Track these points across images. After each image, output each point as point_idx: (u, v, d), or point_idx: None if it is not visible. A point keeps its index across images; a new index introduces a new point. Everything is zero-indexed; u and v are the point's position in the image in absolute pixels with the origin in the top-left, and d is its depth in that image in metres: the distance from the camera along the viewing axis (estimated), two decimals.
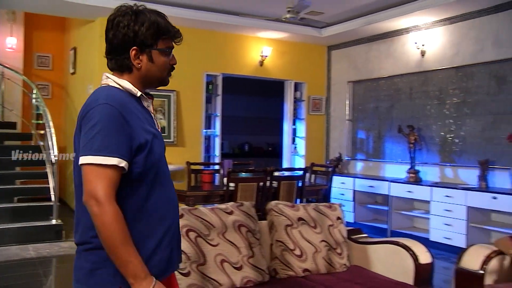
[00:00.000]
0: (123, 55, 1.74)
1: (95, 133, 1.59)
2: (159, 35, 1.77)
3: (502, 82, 6.39)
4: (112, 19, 1.77)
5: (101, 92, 1.70)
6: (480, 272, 3.32)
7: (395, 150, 7.90)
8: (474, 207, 6.16)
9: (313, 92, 9.26)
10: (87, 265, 1.68)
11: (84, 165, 1.59)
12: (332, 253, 3.63)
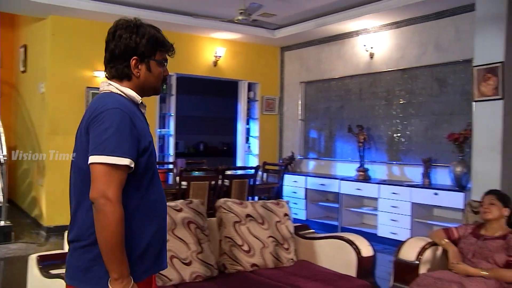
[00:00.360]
0: (123, 64, 1.88)
1: (109, 135, 1.69)
2: (157, 47, 1.93)
3: (443, 84, 6.71)
4: (113, 31, 1.90)
5: (108, 98, 1.82)
6: (415, 262, 3.54)
7: (345, 149, 8.15)
8: (418, 203, 6.45)
9: (267, 92, 9.42)
10: (83, 263, 1.76)
11: (96, 164, 1.68)
12: (279, 248, 3.77)
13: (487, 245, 3.37)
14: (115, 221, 1.65)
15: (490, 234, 3.46)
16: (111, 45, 1.89)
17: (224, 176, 5.85)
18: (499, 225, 3.47)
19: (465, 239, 3.56)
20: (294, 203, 8.15)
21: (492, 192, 3.62)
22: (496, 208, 3.47)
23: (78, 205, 1.79)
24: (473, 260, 3.37)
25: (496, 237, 3.40)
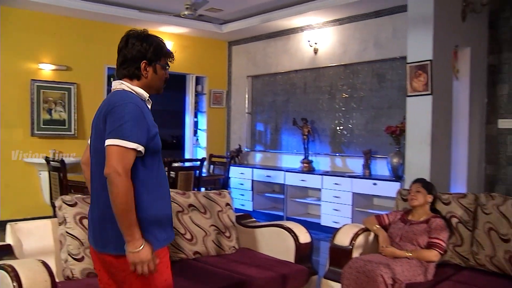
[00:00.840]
0: (134, 66, 2.25)
1: (123, 123, 2.06)
2: (161, 54, 2.31)
3: (382, 80, 7.05)
4: (126, 40, 2.30)
5: (122, 94, 2.20)
6: (349, 247, 3.78)
7: (290, 142, 8.40)
8: (358, 193, 6.76)
9: (214, 86, 9.55)
10: (113, 232, 2.09)
11: (111, 146, 2.03)
12: (221, 236, 3.94)
13: (413, 229, 3.65)
14: (124, 190, 2.00)
15: (416, 219, 3.75)
16: (124, 51, 2.27)
17: (171, 168, 5.97)
18: (424, 211, 3.76)
19: (394, 224, 3.83)
20: (241, 194, 8.34)
21: (418, 181, 3.90)
22: (421, 195, 3.76)
23: (102, 186, 2.09)
24: (400, 243, 3.64)
25: (421, 222, 3.69)
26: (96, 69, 8.10)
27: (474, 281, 3.37)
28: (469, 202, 3.83)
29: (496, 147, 5.98)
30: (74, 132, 7.80)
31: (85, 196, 3.44)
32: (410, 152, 5.37)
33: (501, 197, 3.67)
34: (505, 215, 3.51)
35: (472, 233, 3.72)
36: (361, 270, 3.36)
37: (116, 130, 2.05)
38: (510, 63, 5.87)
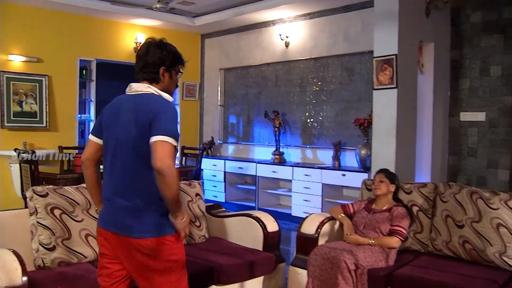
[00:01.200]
0: (153, 71, 2.52)
1: (171, 124, 2.35)
2: (178, 61, 2.60)
3: (351, 73, 7.22)
4: (147, 47, 2.55)
5: (160, 98, 2.50)
6: (315, 235, 3.92)
7: (262, 134, 8.53)
8: (328, 184, 6.93)
9: (187, 78, 9.60)
10: (155, 218, 2.40)
11: (163, 142, 2.27)
12: (192, 226, 4.04)
13: (376, 217, 3.81)
14: (175, 180, 2.30)
15: (379, 208, 3.91)
16: (146, 57, 2.53)
17: None
18: (387, 200, 3.93)
19: (359, 213, 3.99)
20: (214, 186, 8.45)
21: (382, 171, 4.06)
22: (384, 185, 3.92)
23: (135, 180, 2.42)
24: (364, 231, 3.80)
25: (383, 210, 3.86)
26: (69, 61, 8.07)
27: (431, 264, 3.55)
28: (428, 191, 4.01)
29: (458, 139, 6.20)
30: (45, 125, 7.79)
31: (56, 187, 3.52)
32: (377, 144, 5.54)
33: (457, 186, 3.86)
34: (460, 202, 3.70)
35: (431, 220, 3.90)
36: (326, 256, 3.50)
37: (167, 130, 2.31)
38: (471, 58, 6.09)
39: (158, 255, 2.41)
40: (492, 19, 5.94)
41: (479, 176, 5.98)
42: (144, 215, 2.41)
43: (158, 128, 2.32)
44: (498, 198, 3.57)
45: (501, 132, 5.85)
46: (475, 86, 6.04)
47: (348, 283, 3.38)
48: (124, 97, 2.63)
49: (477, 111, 6.01)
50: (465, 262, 3.59)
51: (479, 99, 6.01)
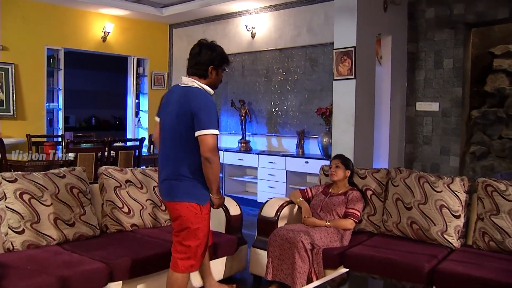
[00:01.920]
0: (203, 68, 3.10)
1: (212, 118, 2.98)
2: (224, 61, 3.21)
3: (314, 64, 7.46)
4: (199, 48, 3.15)
5: (201, 91, 3.08)
6: (275, 218, 4.16)
7: (229, 123, 8.72)
8: (292, 171, 7.18)
9: (156, 68, 9.73)
10: (186, 188, 3.10)
11: (208, 135, 2.96)
12: (157, 210, 4.23)
13: (332, 201, 4.07)
14: (218, 166, 3.06)
15: (336, 191, 4.16)
16: (198, 57, 3.11)
17: (112, 148, 6.17)
18: (343, 184, 4.18)
19: (317, 196, 4.24)
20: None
21: (337, 157, 4.31)
22: (341, 171, 4.17)
23: (178, 157, 3.09)
24: (321, 213, 4.05)
25: (339, 194, 4.11)
26: (36, 50, 8.08)
27: (381, 244, 3.82)
28: (381, 176, 4.29)
29: (414, 127, 6.51)
30: (13, 113, 7.80)
31: (25, 173, 3.65)
32: (336, 132, 5.79)
33: (407, 171, 4.14)
34: (409, 186, 3.98)
35: (383, 203, 4.19)
36: (285, 237, 3.74)
37: (210, 124, 2.97)
38: (426, 51, 6.38)
39: (184, 218, 3.12)
40: (444, 15, 6.24)
41: (433, 163, 6.31)
42: (181, 183, 3.09)
43: (203, 124, 2.97)
44: (442, 182, 3.87)
45: (452, 121, 6.18)
46: (429, 78, 6.35)
47: (305, 261, 3.62)
48: (177, 87, 3.21)
49: (431, 101, 6.32)
50: (413, 241, 3.89)
51: (433, 90, 6.32)
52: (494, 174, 5.70)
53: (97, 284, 3.16)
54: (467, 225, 3.86)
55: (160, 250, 3.58)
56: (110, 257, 3.31)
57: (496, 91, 6.00)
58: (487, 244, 3.64)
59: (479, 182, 3.79)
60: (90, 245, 3.58)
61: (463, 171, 6.09)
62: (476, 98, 6.26)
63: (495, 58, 6.09)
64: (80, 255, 3.33)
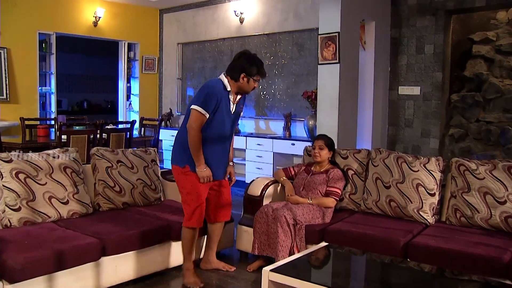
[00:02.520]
0: (236, 73, 3.63)
1: (201, 97, 3.56)
2: (257, 72, 3.66)
3: (301, 49, 7.63)
4: (240, 55, 3.72)
5: (213, 80, 3.71)
6: (260, 197, 4.36)
7: None
8: (279, 152, 7.37)
9: (146, 52, 9.85)
10: (176, 148, 3.80)
11: (192, 109, 3.57)
12: (148, 189, 4.42)
13: (314, 179, 4.26)
14: (195, 137, 3.58)
15: (318, 170, 4.34)
16: (235, 62, 3.67)
17: (103, 130, 6.33)
18: (325, 163, 4.36)
19: (299, 174, 4.42)
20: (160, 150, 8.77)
21: (321, 138, 4.44)
22: (324, 152, 4.34)
23: (183, 131, 3.70)
24: (303, 192, 4.24)
25: (321, 172, 4.30)
26: (28, 34, 8.15)
27: (361, 221, 4.03)
28: (362, 156, 4.48)
29: (397, 111, 6.71)
30: (6, 97, 7.91)
31: (20, 154, 3.81)
32: (321, 115, 5.97)
33: (386, 151, 4.34)
34: (388, 166, 4.18)
35: (364, 182, 4.38)
36: (269, 214, 3.95)
37: (197, 101, 3.56)
38: (409, 37, 6.55)
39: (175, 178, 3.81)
40: (425, 2, 6.41)
41: (414, 145, 6.52)
42: (177, 151, 3.79)
43: (193, 99, 3.64)
44: (419, 162, 4.08)
45: (433, 105, 6.38)
46: (411, 63, 6.53)
47: (287, 235, 3.83)
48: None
49: (413, 85, 6.51)
50: (391, 218, 4.10)
51: (415, 75, 6.51)
52: (470, 155, 5.92)
53: (91, 258, 3.36)
54: (441, 203, 4.07)
55: (150, 227, 3.79)
56: (102, 233, 3.51)
57: (474, 76, 6.19)
58: (459, 219, 3.86)
59: (453, 162, 4.00)
60: (83, 222, 3.76)
61: (442, 152, 6.31)
62: (455, 83, 6.46)
63: (474, 44, 6.27)
64: (74, 231, 3.51)
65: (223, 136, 3.76)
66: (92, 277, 3.39)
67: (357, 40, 6.14)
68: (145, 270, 3.76)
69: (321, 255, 3.36)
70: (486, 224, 3.73)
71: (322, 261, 3.31)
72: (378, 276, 3.17)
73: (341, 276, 3.19)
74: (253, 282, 3.83)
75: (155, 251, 3.81)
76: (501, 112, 5.98)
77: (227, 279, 3.90)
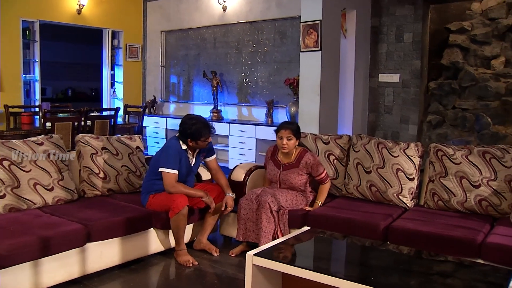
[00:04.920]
0: (184, 138, 4.02)
1: (164, 158, 4.00)
2: (199, 136, 3.99)
3: (283, 37, 7.69)
4: (183, 121, 4.10)
5: (172, 140, 4.10)
6: (243, 182, 4.43)
7: (201, 93, 8.95)
8: (261, 139, 7.44)
9: (130, 40, 9.82)
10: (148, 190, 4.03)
11: (162, 173, 3.97)
12: (133, 175, 4.44)
13: (288, 176, 4.14)
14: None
15: (286, 161, 4.19)
16: (181, 127, 4.06)
17: (88, 118, 6.34)
18: (292, 151, 4.18)
19: (269, 167, 4.29)
20: (157, 142, 8.83)
21: (288, 128, 4.12)
22: (292, 142, 4.13)
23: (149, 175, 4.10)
24: (281, 188, 4.15)
25: (291, 165, 4.15)
26: (11, 22, 8.07)
27: (342, 205, 4.11)
28: (344, 142, 4.52)
29: (376, 97, 6.82)
30: None
31: (4, 141, 3.83)
32: (303, 102, 6.06)
33: (367, 137, 4.41)
34: (369, 151, 4.26)
35: (345, 168, 4.45)
36: (253, 201, 4.00)
37: (164, 163, 3.97)
38: (388, 25, 6.65)
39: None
40: None
41: (393, 131, 6.65)
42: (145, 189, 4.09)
43: (159, 160, 3.98)
44: (399, 147, 4.17)
45: (411, 92, 6.51)
46: (391, 51, 6.63)
47: (270, 221, 3.88)
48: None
49: (393, 73, 6.63)
50: (371, 202, 4.19)
51: (394, 62, 6.62)
52: (447, 141, 6.05)
53: (76, 244, 3.38)
54: (420, 187, 4.18)
55: (134, 214, 3.81)
56: (88, 219, 3.53)
57: (451, 65, 6.30)
58: (436, 203, 3.98)
59: (431, 147, 4.11)
60: (68, 208, 3.78)
61: (420, 138, 6.44)
62: (433, 71, 6.56)
63: (451, 33, 6.38)
64: (59, 218, 3.52)
65: (184, 181, 4.08)
66: (78, 262, 3.43)
67: (338, 28, 6.21)
68: (130, 256, 3.81)
69: (304, 239, 3.42)
70: (462, 207, 3.85)
71: (305, 245, 3.38)
72: (359, 259, 3.25)
73: (323, 259, 3.26)
74: (236, 266, 3.90)
75: (140, 237, 3.86)
76: (475, 100, 6.11)
77: (211, 264, 3.98)
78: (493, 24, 6.08)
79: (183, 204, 3.83)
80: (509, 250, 3.10)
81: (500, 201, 3.74)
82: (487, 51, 6.12)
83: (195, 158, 4.16)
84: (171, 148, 4.00)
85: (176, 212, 3.81)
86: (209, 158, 4.37)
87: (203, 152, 4.25)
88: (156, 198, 4.00)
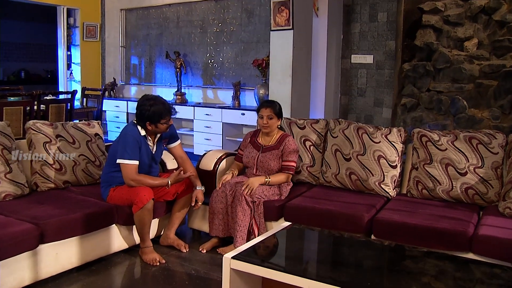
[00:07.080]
0: (142, 121, 3.67)
1: (124, 148, 3.63)
2: (159, 118, 3.66)
3: (250, 15, 7.36)
4: (139, 103, 3.72)
5: (129, 127, 3.74)
6: (213, 170, 4.11)
7: (164, 75, 8.55)
8: (228, 122, 7.13)
9: (87, 19, 9.29)
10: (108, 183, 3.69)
11: (120, 164, 3.65)
12: (92, 165, 4.06)
13: (266, 158, 3.91)
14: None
15: (267, 143, 3.99)
16: (138, 110, 3.69)
17: (41, 102, 5.88)
18: (274, 133, 4.00)
19: (247, 149, 4.07)
20: (117, 127, 8.40)
21: (269, 106, 3.96)
22: (273, 121, 3.94)
23: (107, 167, 3.78)
24: (258, 173, 3.91)
25: (272, 147, 3.95)
26: None
27: (321, 195, 3.85)
28: (321, 127, 4.27)
29: (349, 79, 6.60)
30: None
31: None
32: (273, 84, 5.78)
33: (346, 122, 4.15)
34: (348, 137, 4.02)
35: (322, 154, 4.19)
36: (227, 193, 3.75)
37: (121, 153, 3.60)
38: (362, 4, 6.42)
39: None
40: None
41: (366, 114, 6.45)
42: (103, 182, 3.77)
43: (117, 150, 3.62)
44: (380, 133, 3.93)
45: (385, 73, 6.30)
46: (364, 31, 6.40)
47: (245, 214, 3.62)
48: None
49: (366, 54, 6.41)
50: (351, 191, 3.95)
51: (368, 43, 6.40)
52: (422, 125, 5.89)
53: (26, 247, 2.99)
54: (402, 175, 3.96)
55: (94, 209, 3.45)
56: (40, 217, 3.15)
57: (425, 46, 6.11)
58: (420, 192, 3.76)
59: (415, 133, 3.89)
60: (18, 205, 3.39)
61: (394, 122, 6.25)
62: (407, 52, 6.37)
63: (424, 13, 6.19)
64: (6, 216, 3.13)
65: (147, 172, 3.76)
66: (29, 267, 3.05)
67: (310, 6, 5.94)
68: (90, 256, 3.46)
69: (285, 238, 3.10)
70: (448, 196, 3.66)
71: (287, 244, 3.07)
72: (349, 259, 2.91)
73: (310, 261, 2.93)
74: (208, 264, 3.61)
75: (100, 234, 3.51)
76: (450, 82, 5.97)
77: (179, 261, 3.67)
78: (466, 5, 5.91)
79: (148, 198, 3.48)
80: (502, 242, 2.91)
81: (487, 189, 3.56)
82: (460, 33, 5.95)
83: (155, 145, 3.82)
84: (129, 136, 3.63)
85: (140, 207, 3.46)
86: (173, 144, 4.05)
87: (165, 137, 3.91)
88: (117, 192, 3.64)
